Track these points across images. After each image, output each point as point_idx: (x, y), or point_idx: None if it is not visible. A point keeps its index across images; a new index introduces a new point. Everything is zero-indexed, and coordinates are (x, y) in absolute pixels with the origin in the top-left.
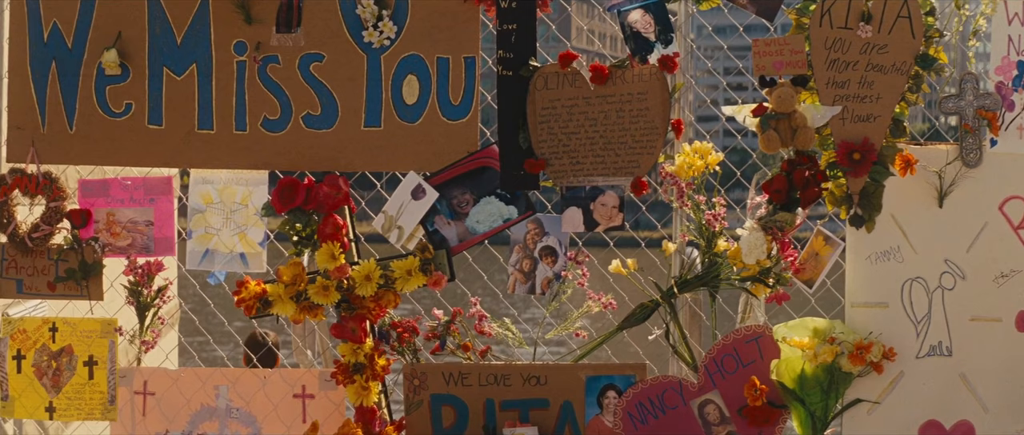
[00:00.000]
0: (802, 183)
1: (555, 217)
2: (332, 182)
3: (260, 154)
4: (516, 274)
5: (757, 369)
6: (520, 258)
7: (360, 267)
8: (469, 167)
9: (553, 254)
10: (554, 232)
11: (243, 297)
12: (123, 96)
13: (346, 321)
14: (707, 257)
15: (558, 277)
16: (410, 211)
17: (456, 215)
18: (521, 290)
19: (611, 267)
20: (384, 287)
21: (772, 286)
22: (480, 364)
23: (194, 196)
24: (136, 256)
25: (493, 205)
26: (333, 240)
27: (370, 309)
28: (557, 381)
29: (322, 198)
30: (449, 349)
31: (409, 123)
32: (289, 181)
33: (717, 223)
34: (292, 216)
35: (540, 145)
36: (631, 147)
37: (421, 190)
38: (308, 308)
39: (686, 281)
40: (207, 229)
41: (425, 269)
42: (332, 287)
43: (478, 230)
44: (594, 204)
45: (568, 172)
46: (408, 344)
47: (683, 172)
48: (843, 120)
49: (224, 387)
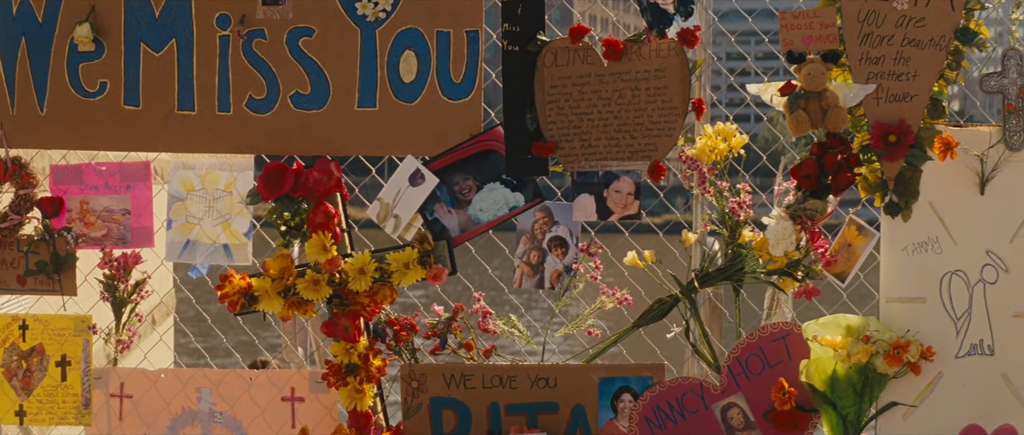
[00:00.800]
0: (834, 168)
1: (565, 205)
2: (323, 167)
3: (245, 137)
4: (523, 267)
5: (785, 370)
6: (527, 249)
7: (353, 259)
8: (472, 151)
9: (563, 245)
10: (564, 221)
11: (227, 292)
12: (97, 74)
13: (338, 318)
14: (730, 248)
15: (569, 270)
16: (408, 198)
17: (458, 203)
18: (528, 284)
19: (626, 259)
20: (379, 281)
21: (801, 280)
22: (484, 364)
23: (174, 182)
24: (112, 248)
25: (498, 192)
26: (324, 230)
27: (364, 305)
28: (567, 383)
29: (312, 184)
30: (450, 348)
31: (406, 103)
32: (276, 166)
33: (742, 211)
34: (280, 204)
35: (549, 127)
36: (648, 129)
37: (419, 176)
38: (297, 304)
39: (708, 274)
40: (188, 218)
41: (424, 262)
42: (323, 281)
43: (482, 219)
44: (608, 191)
45: (579, 156)
46: (406, 343)
47: (704, 156)
48: (877, 99)
49: (207, 389)
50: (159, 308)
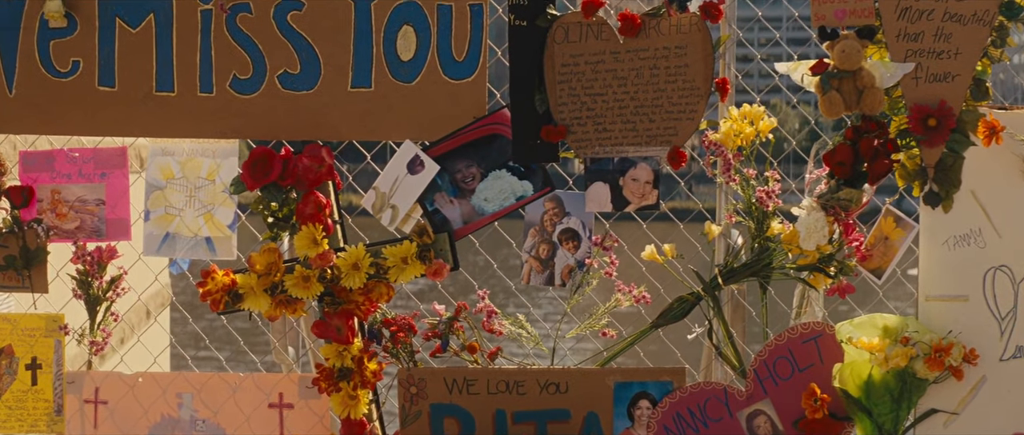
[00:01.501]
0: (870, 154)
1: (577, 194)
2: (313, 153)
3: (229, 120)
4: (531, 262)
5: (816, 374)
6: (536, 243)
7: (346, 254)
8: (475, 135)
9: (575, 238)
10: (576, 212)
11: (209, 289)
12: (69, 52)
13: (330, 318)
14: (757, 241)
15: (581, 265)
16: (406, 187)
17: (460, 192)
18: (537, 280)
19: (644, 254)
20: (375, 278)
21: (834, 276)
22: (489, 368)
23: (153, 170)
24: (85, 241)
25: (504, 180)
26: (314, 222)
27: (358, 304)
28: (580, 388)
29: (301, 172)
30: (452, 351)
31: (404, 83)
32: (262, 152)
33: (770, 201)
34: (266, 193)
35: (560, 109)
36: (667, 111)
37: (418, 163)
38: (285, 302)
39: (732, 270)
40: (167, 209)
41: (423, 256)
42: (313, 277)
43: (486, 210)
44: (624, 179)
45: (593, 141)
46: (403, 345)
47: (729, 141)
48: (916, 79)
49: (188, 395)
50: (154, 297)
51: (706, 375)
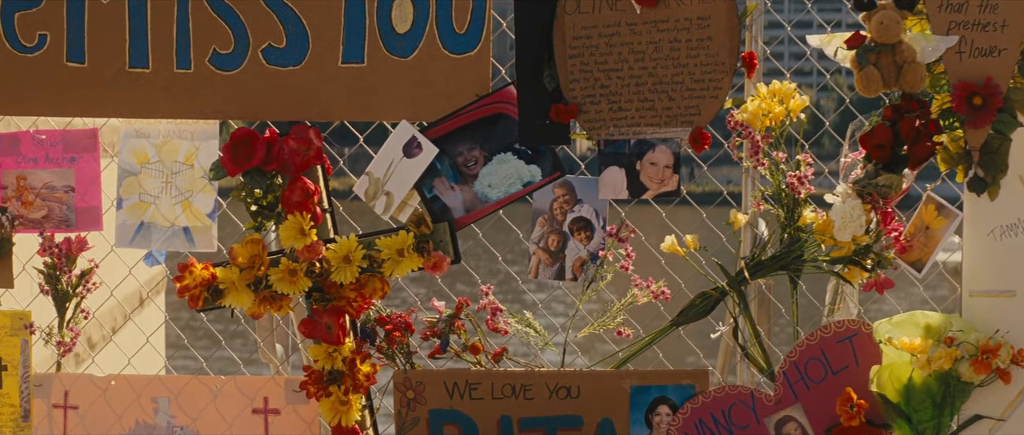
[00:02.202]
0: (911, 135)
1: (590, 180)
2: (301, 135)
3: (208, 99)
4: (540, 254)
5: (851, 377)
6: (545, 233)
7: (337, 246)
8: (478, 115)
9: (588, 228)
10: (589, 199)
11: (187, 284)
12: (35, 25)
13: (319, 316)
14: (787, 232)
15: (594, 258)
16: (402, 172)
17: (462, 177)
18: (546, 274)
19: (664, 245)
20: (368, 272)
21: (871, 269)
22: (493, 371)
23: (125, 154)
24: (53, 231)
25: (510, 164)
26: (302, 210)
27: (350, 300)
28: (593, 393)
29: (288, 156)
30: (453, 351)
31: (400, 58)
32: (244, 133)
33: (802, 188)
34: (249, 179)
35: (571, 86)
36: (689, 89)
37: (416, 145)
38: (270, 299)
39: (760, 263)
40: (142, 196)
41: (421, 248)
42: (301, 272)
43: (491, 197)
44: (641, 163)
45: (607, 121)
46: (400, 345)
47: (757, 121)
48: (960, 54)
49: (165, 399)
50: (147, 283)
51: (722, 377)
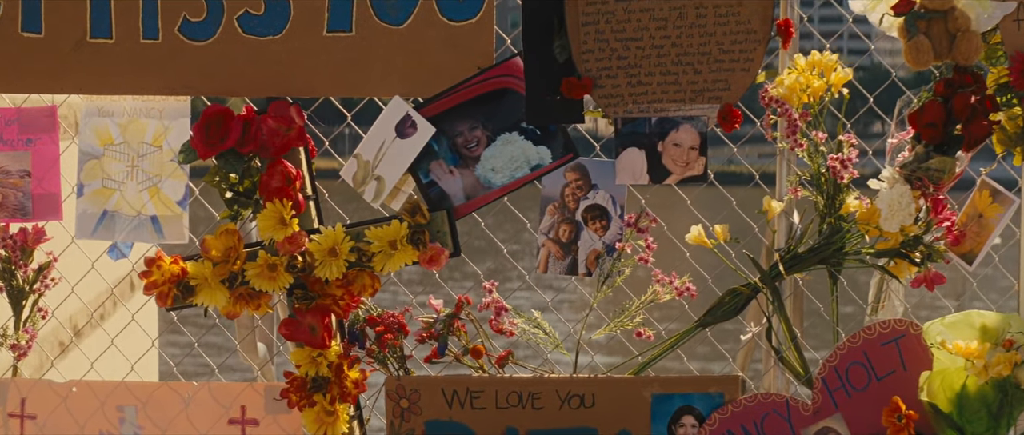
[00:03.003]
0: (965, 113)
1: (606, 163)
2: (281, 113)
3: (179, 73)
4: (550, 246)
5: (898, 384)
6: (555, 223)
7: (321, 237)
8: (481, 90)
9: (604, 217)
10: (605, 185)
11: (155, 280)
12: None
13: (302, 315)
14: (828, 221)
15: (611, 251)
16: (394, 154)
17: (462, 160)
18: (557, 269)
19: (689, 236)
20: (357, 266)
21: (921, 263)
22: (497, 377)
23: (87, 134)
24: (8, 221)
25: (515, 146)
26: (282, 197)
27: (336, 298)
28: (610, 401)
29: (266, 136)
30: (452, 355)
31: (393, 26)
32: (217, 111)
33: (845, 172)
34: (223, 162)
35: (584, 57)
36: (717, 60)
37: (410, 124)
38: (247, 297)
39: (796, 256)
40: (105, 182)
41: (416, 240)
42: (281, 266)
43: (494, 182)
44: (663, 144)
45: (625, 97)
46: (392, 349)
47: (794, 97)
48: (1018, 22)
49: (131, 408)
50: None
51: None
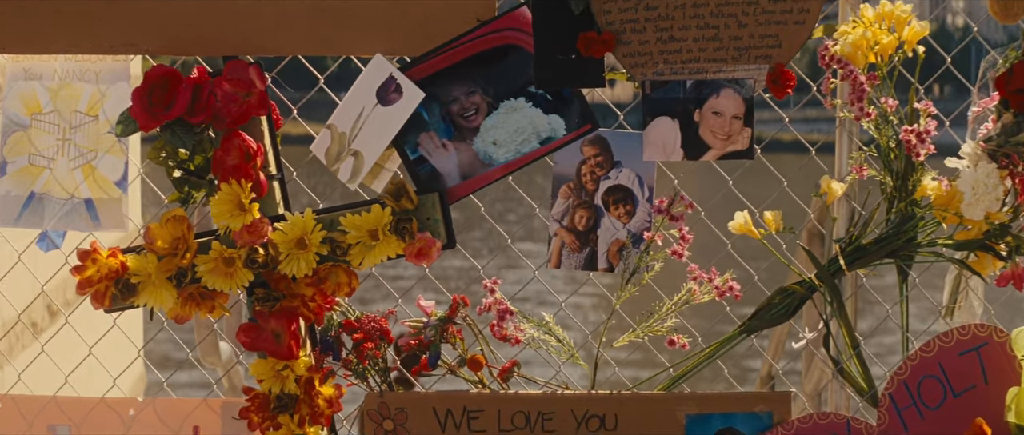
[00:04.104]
0: None
1: (632, 136)
2: (239, 75)
3: (118, 27)
4: (563, 234)
5: (979, 401)
6: (570, 207)
7: (288, 225)
8: (480, 47)
9: (628, 200)
10: (630, 162)
11: (89, 277)
12: None
13: (264, 320)
14: (898, 206)
15: (637, 241)
16: (375, 125)
17: (457, 132)
18: (573, 263)
19: (732, 224)
20: (330, 260)
21: (1008, 256)
22: (501, 394)
23: (12, 100)
24: None
25: (522, 114)
26: (240, 177)
27: (306, 299)
28: (636, 423)
29: (221, 102)
30: (446, 367)
31: None
32: (162, 73)
33: (921, 146)
34: (169, 135)
35: (606, 8)
36: (766, 12)
37: (395, 89)
38: (198, 297)
39: (860, 248)
40: (32, 158)
41: (402, 229)
42: (239, 261)
43: (496, 158)
44: (701, 112)
45: (655, 55)
46: (373, 360)
47: (858, 57)
48: None
49: (65, 427)
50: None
51: (829, 402)
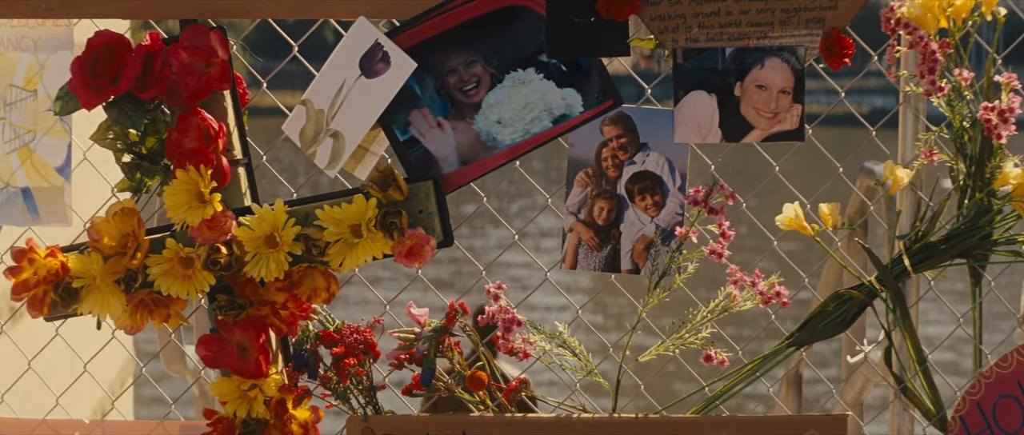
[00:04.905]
0: None
1: (661, 113)
2: (198, 42)
3: None
4: (580, 229)
5: None
6: (589, 197)
7: (255, 219)
8: (482, 10)
9: (657, 189)
10: (659, 145)
11: (25, 280)
12: None
13: (228, 331)
14: (973, 198)
15: (668, 238)
16: (359, 101)
17: (456, 108)
18: (591, 263)
19: (781, 218)
20: (305, 261)
21: None
22: (507, 417)
23: None
24: None
25: (532, 88)
26: (199, 163)
27: (277, 307)
28: None
29: (177, 75)
30: (442, 385)
31: None
32: (108, 41)
33: (1003, 127)
34: (116, 113)
35: None
36: None
37: (381, 58)
38: (150, 304)
39: (928, 246)
40: None
41: (389, 224)
42: (198, 261)
43: (501, 141)
44: (743, 86)
45: (689, 18)
46: (355, 377)
47: (929, 20)
48: None
49: None
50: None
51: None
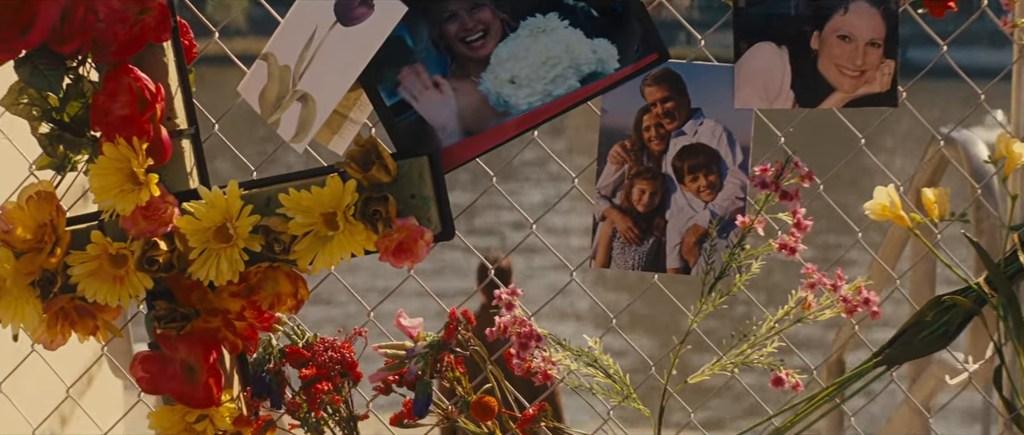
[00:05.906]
0: None
1: (718, 70)
2: None
3: None
4: (616, 218)
5: None
6: (625, 177)
7: (204, 206)
8: None
9: (712, 168)
10: (715, 111)
11: None
12: None
13: (171, 347)
14: None
15: (726, 229)
16: (333, 54)
17: (457, 64)
18: (627, 261)
19: (869, 205)
20: (266, 259)
21: None
22: None
23: None
24: None
25: (554, 38)
26: (132, 134)
27: (231, 317)
28: None
29: (104, 23)
30: (440, 412)
31: None
32: None
33: None
34: (29, 71)
35: None
36: None
37: (362, 0)
38: (73, 313)
39: None
40: None
41: (372, 213)
42: (132, 259)
43: (515, 105)
44: (821, 36)
45: None
46: (330, 406)
47: None
48: None
49: None
50: None
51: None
